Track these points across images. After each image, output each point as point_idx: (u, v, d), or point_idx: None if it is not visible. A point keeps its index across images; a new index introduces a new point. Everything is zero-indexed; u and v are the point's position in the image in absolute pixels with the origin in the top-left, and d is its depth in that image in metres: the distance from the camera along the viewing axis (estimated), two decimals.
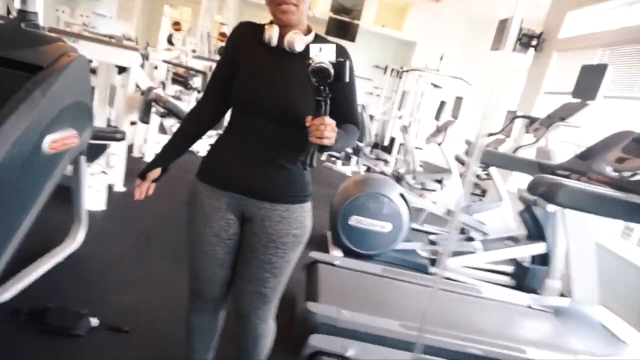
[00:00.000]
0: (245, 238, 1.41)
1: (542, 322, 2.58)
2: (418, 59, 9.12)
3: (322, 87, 1.13)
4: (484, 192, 6.48)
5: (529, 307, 2.70)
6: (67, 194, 2.39)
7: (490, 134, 4.91)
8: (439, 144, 5.05)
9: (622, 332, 2.61)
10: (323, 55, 1.13)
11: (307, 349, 1.80)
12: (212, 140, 1.47)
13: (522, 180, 4.18)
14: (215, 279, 1.45)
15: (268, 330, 1.52)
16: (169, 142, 1.50)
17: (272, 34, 1.30)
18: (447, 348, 1.97)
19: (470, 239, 3.62)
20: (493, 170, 4.35)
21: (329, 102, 1.14)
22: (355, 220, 3.23)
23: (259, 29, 1.34)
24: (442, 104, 5.74)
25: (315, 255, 2.63)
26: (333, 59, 1.13)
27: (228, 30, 8.53)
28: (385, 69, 9.33)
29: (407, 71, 7.71)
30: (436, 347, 1.95)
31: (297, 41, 1.28)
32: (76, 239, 2.56)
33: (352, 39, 8.89)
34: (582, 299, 2.90)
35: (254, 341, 1.51)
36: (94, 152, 2.72)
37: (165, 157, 1.48)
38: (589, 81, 3.25)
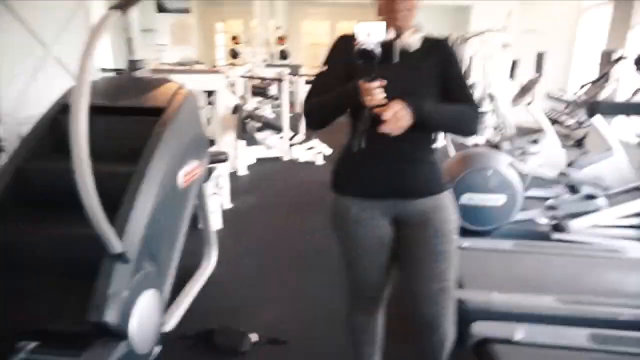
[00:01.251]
0: (410, 239, 1.41)
1: None
2: (476, 23, 8.63)
3: (370, 68, 1.17)
4: (579, 142, 6.04)
5: None
6: None
7: (586, 84, 4.57)
8: (529, 104, 4.77)
9: None
10: (372, 37, 1.16)
11: (472, 339, 1.76)
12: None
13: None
14: (380, 283, 1.50)
15: (451, 330, 1.50)
16: (325, 98, 1.37)
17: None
18: (620, 319, 1.85)
19: (591, 197, 3.38)
20: (597, 119, 4.04)
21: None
22: (467, 198, 3.13)
23: None
24: (515, 62, 5.42)
25: None
26: (381, 38, 1.16)
27: (282, 32, 8.63)
28: (448, 38, 8.96)
29: (475, 35, 7.34)
30: (607, 319, 1.84)
31: (414, 42, 1.33)
32: (211, 260, 2.71)
33: None
34: None
35: (441, 343, 1.48)
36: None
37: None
38: None
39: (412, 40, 1.33)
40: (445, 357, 1.55)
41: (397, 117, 1.19)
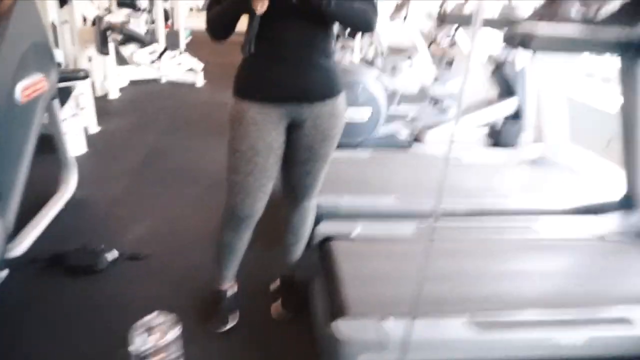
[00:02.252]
0: (299, 141, 1.49)
1: (520, 172, 2.81)
2: None
3: None
4: (450, 63, 6.49)
5: (509, 161, 2.92)
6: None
7: None
8: (404, 19, 4.95)
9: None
10: None
11: (317, 236, 1.97)
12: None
13: (489, 43, 4.20)
14: (263, 192, 1.53)
15: (314, 207, 1.78)
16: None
17: None
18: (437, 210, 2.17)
19: (446, 110, 3.74)
20: (459, 34, 4.36)
21: None
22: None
23: None
24: None
25: None
26: None
27: None
28: None
29: None
30: (426, 210, 2.15)
31: None
32: (70, 183, 2.60)
33: None
34: (554, 141, 3.11)
35: (305, 216, 1.75)
36: (62, 96, 2.64)
37: None
38: None
39: None
40: (307, 230, 1.80)
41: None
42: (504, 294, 1.65)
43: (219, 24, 1.39)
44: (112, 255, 2.07)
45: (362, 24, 1.43)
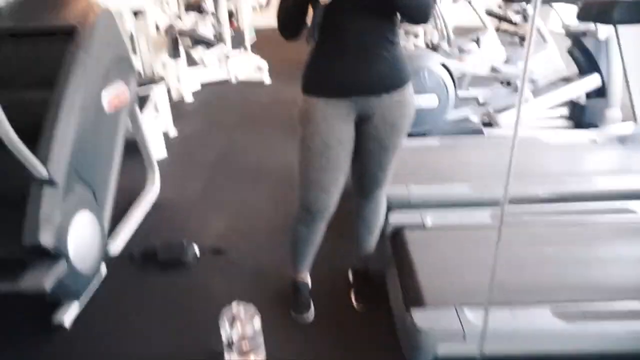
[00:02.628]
0: (367, 133, 1.50)
1: (609, 152, 2.60)
2: None
3: None
4: (522, 39, 6.11)
5: (594, 141, 2.71)
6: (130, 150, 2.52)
7: None
8: (469, 1, 4.74)
9: None
10: None
11: (389, 227, 1.96)
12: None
13: (562, 17, 3.91)
14: (336, 186, 1.55)
15: (385, 199, 1.77)
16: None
17: None
18: (519, 196, 2.07)
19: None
20: (530, 9, 4.09)
21: None
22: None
23: None
24: None
25: None
26: None
27: None
28: None
29: None
30: (512, 197, 2.05)
31: None
32: (155, 184, 2.79)
33: None
34: None
35: (376, 209, 1.75)
36: (141, 103, 2.83)
37: None
38: None
39: None
40: (379, 223, 1.81)
41: None
42: (591, 283, 1.55)
43: (288, 20, 1.40)
44: (195, 249, 2.20)
45: (421, 14, 1.36)
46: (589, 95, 3.31)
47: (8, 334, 1.79)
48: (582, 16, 1.92)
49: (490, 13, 5.17)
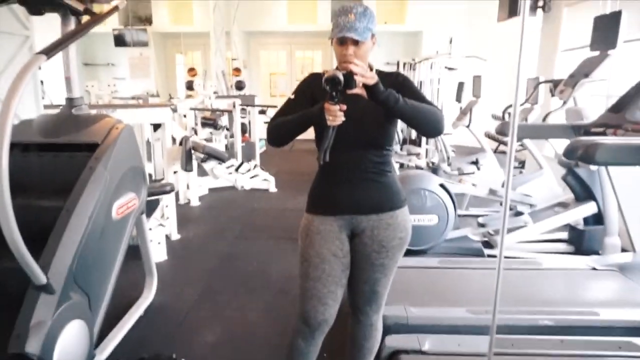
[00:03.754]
0: (358, 250, 1.59)
1: (610, 281, 2.58)
2: (427, 47, 9.12)
3: (334, 94, 1.36)
4: (522, 164, 6.40)
5: (593, 268, 2.71)
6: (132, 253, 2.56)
7: (508, 106, 4.93)
8: (467, 126, 5.08)
9: None
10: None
11: (385, 350, 1.90)
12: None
13: (558, 144, 4.15)
14: (333, 298, 1.58)
15: (380, 325, 1.75)
16: (289, 119, 1.55)
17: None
18: (519, 324, 2.03)
19: (519, 214, 3.61)
20: (527, 140, 4.34)
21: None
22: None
23: None
24: (461, 85, 5.75)
25: None
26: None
27: (239, 64, 8.84)
28: (397, 64, 9.38)
29: (419, 62, 7.73)
30: (508, 325, 2.01)
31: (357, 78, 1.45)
32: (151, 290, 2.77)
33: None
34: None
35: (370, 334, 1.72)
36: (150, 207, 2.93)
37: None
38: (605, 31, 3.23)
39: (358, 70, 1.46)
40: (372, 349, 1.76)
41: (365, 74, 1.36)
42: None
43: (285, 133, 1.55)
44: None
45: (431, 124, 1.46)
46: (587, 221, 3.38)
47: None
48: (568, 155, 2.06)
49: (488, 136, 5.50)
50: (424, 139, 7.44)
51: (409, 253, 3.21)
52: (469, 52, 7.49)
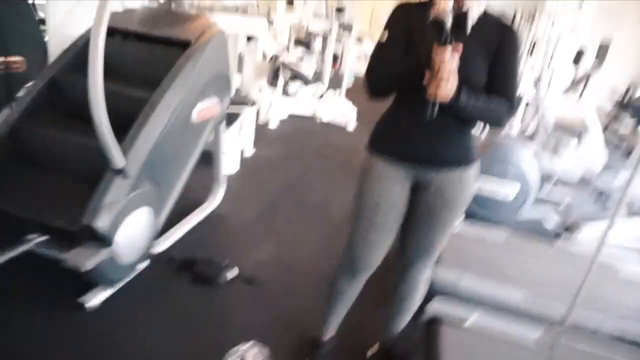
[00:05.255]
0: (421, 202, 1.48)
1: None
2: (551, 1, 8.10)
3: (443, 38, 1.16)
4: (629, 151, 5.70)
5: None
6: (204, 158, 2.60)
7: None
8: (580, 96, 4.54)
9: None
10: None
11: (427, 315, 1.85)
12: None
13: None
14: (381, 246, 1.53)
15: (428, 280, 1.69)
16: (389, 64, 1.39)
17: (447, 10, 1.22)
18: (583, 325, 1.87)
19: (610, 207, 3.27)
20: None
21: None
22: (482, 182, 3.11)
23: (420, 7, 1.34)
24: (580, 53, 5.08)
25: None
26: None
27: None
28: (514, 15, 8.49)
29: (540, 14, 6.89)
30: (557, 317, 1.87)
31: (470, 23, 1.31)
32: (216, 198, 2.88)
33: None
34: None
35: (414, 287, 1.66)
36: (229, 119, 2.98)
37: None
38: None
39: (474, 15, 1.32)
40: (415, 302, 1.70)
41: (445, 84, 1.19)
42: None
43: (389, 85, 1.39)
44: (233, 273, 2.21)
45: (492, 121, 1.41)
46: None
47: (35, 299, 1.89)
48: None
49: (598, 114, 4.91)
50: (523, 103, 6.84)
51: (476, 218, 3.09)
52: (601, 15, 6.54)
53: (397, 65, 1.35)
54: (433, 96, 1.21)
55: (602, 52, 4.51)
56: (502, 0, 8.73)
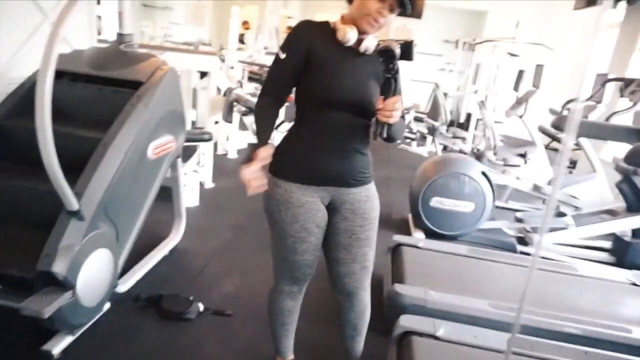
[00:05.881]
0: (339, 225, 1.52)
1: None
2: (491, 29, 8.66)
3: (390, 66, 1.29)
4: (573, 164, 6.06)
5: (634, 284, 2.55)
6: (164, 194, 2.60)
7: (569, 101, 4.63)
8: (520, 116, 4.81)
9: None
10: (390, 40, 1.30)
11: (398, 329, 1.85)
12: None
13: (617, 148, 3.88)
14: (311, 265, 1.57)
15: (369, 300, 1.68)
16: (262, 124, 1.49)
17: (350, 37, 1.38)
18: (544, 328, 1.94)
19: (562, 215, 3.43)
20: (584, 139, 4.08)
21: (396, 82, 1.33)
22: (436, 202, 3.22)
23: (323, 27, 1.44)
24: (521, 73, 5.42)
25: (399, 238, 2.68)
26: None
27: (294, 22, 8.68)
28: (457, 42, 8.96)
29: (480, 43, 7.36)
30: (532, 326, 1.93)
31: (372, 47, 1.40)
32: (178, 233, 2.83)
33: (418, 16, 8.62)
34: None
35: (362, 312, 1.67)
36: (186, 154, 2.96)
37: (267, 136, 1.46)
38: None
39: (371, 46, 1.40)
40: (366, 324, 1.72)
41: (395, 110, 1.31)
42: None
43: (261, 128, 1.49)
44: (200, 307, 2.17)
45: (400, 136, 1.53)
46: (636, 234, 3.17)
47: None
48: (629, 161, 1.89)
49: (542, 130, 5.21)
50: (472, 123, 7.18)
51: (439, 237, 3.18)
52: (535, 39, 7.06)
53: (270, 119, 1.47)
54: (384, 121, 1.32)
55: (539, 72, 4.82)
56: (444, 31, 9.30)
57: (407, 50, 1.30)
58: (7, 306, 1.73)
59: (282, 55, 1.42)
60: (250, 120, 4.48)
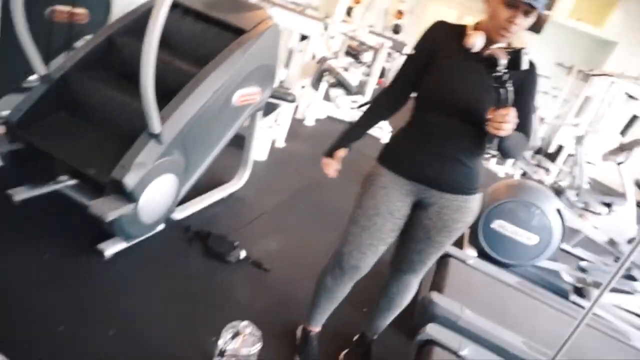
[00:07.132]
0: (420, 221, 1.54)
1: None
2: (614, 62, 7.94)
3: (496, 75, 1.20)
4: None
5: None
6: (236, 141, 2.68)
7: None
8: (619, 163, 4.43)
9: None
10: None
11: (422, 336, 1.83)
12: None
13: None
14: (372, 251, 1.56)
15: (416, 286, 1.75)
16: (353, 125, 1.65)
17: (477, 43, 1.32)
18: None
19: (631, 278, 3.17)
20: None
21: (509, 94, 1.22)
22: (498, 225, 3.08)
23: (456, 30, 1.40)
24: (634, 118, 4.97)
25: (450, 249, 2.60)
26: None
27: (406, 7, 8.49)
28: (570, 68, 8.34)
29: (597, 75, 6.78)
30: None
31: (502, 56, 1.27)
32: (241, 181, 2.94)
33: (537, 30, 8.06)
34: None
35: (403, 291, 1.73)
36: (267, 109, 3.04)
37: (349, 139, 1.62)
38: None
39: (500, 55, 1.27)
40: (401, 305, 1.78)
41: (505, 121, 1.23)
42: None
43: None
44: (243, 253, 2.27)
45: (517, 153, 1.47)
46: None
47: (50, 237, 1.97)
48: None
49: (638, 185, 4.78)
50: (562, 157, 6.71)
51: (491, 260, 3.05)
52: None
53: (367, 126, 1.61)
54: (492, 132, 1.26)
55: None
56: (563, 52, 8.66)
57: (515, 59, 1.22)
58: (78, 201, 1.91)
59: (411, 52, 1.50)
60: (335, 93, 4.48)
